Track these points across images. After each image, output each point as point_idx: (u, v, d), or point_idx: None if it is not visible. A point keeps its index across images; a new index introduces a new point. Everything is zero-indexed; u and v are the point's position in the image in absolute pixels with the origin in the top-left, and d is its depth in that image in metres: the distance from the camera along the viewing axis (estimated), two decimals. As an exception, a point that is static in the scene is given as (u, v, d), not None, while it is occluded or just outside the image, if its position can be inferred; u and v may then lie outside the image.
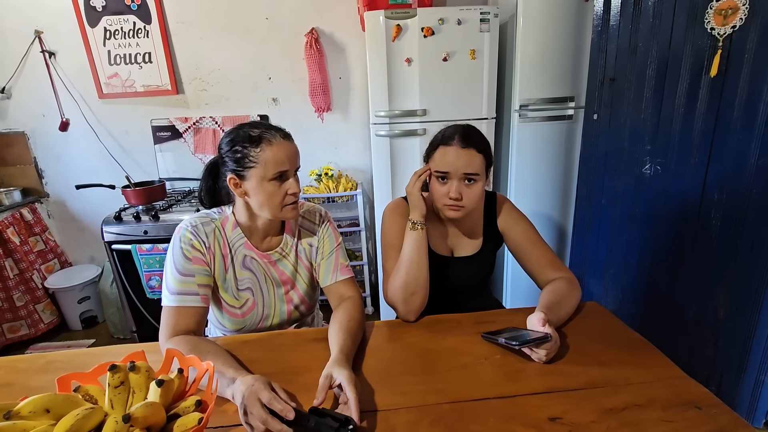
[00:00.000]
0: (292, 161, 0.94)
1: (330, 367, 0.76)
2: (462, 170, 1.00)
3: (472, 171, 1.00)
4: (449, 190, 1.01)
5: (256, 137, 0.91)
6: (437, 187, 1.03)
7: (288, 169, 0.93)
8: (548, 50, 1.94)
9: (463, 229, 1.17)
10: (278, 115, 2.48)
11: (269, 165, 0.90)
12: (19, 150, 2.46)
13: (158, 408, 0.60)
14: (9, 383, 0.86)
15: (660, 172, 1.54)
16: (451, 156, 1.00)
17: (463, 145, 1.00)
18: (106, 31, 2.28)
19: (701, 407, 0.71)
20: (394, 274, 1.04)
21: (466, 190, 1.01)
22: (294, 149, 0.96)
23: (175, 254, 0.95)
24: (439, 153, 1.02)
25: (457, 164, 1.00)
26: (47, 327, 2.40)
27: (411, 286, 1.01)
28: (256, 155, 0.90)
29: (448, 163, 1.00)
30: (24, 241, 2.34)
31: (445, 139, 1.03)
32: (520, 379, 0.80)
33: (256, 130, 0.92)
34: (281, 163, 0.91)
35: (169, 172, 2.49)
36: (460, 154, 1.00)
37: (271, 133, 0.93)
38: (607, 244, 1.78)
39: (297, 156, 0.96)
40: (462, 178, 1.01)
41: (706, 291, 1.48)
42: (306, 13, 2.32)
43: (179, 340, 0.86)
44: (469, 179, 1.01)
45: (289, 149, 0.94)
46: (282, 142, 0.93)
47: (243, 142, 0.92)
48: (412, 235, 1.03)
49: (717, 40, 1.30)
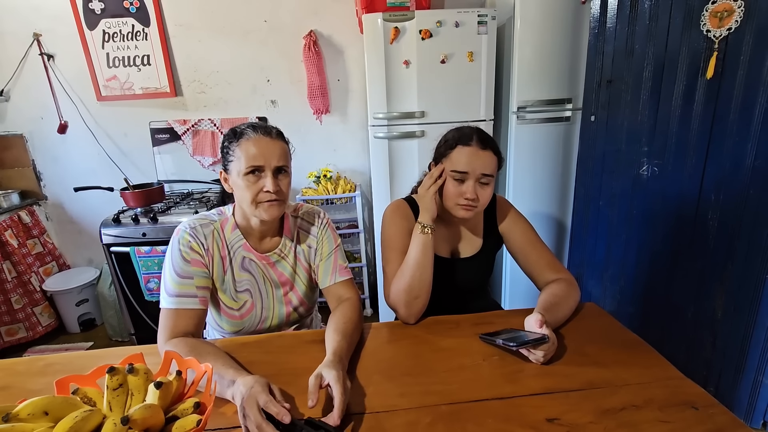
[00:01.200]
0: (268, 158, 0.92)
1: (321, 367, 0.76)
2: (480, 171, 1.00)
3: (489, 172, 1.01)
4: (465, 191, 1.01)
5: (238, 132, 0.94)
6: (451, 187, 1.03)
7: (262, 164, 0.91)
8: (545, 52, 1.95)
9: (463, 231, 1.17)
10: (277, 117, 2.49)
11: (242, 159, 0.91)
12: (17, 152, 2.46)
13: (157, 410, 0.60)
14: (7, 386, 0.86)
15: (657, 173, 1.54)
16: (470, 156, 1.00)
17: (482, 147, 1.01)
18: (104, 33, 2.29)
19: (698, 407, 0.71)
20: (398, 277, 1.03)
21: (480, 191, 1.02)
22: (274, 147, 0.93)
23: (174, 256, 0.95)
24: (458, 153, 1.02)
25: (476, 165, 1.00)
26: (45, 330, 2.40)
27: (415, 290, 1.01)
28: (235, 149, 0.93)
29: (468, 164, 1.00)
30: (22, 244, 2.33)
31: (464, 139, 1.02)
32: (518, 380, 0.80)
33: (242, 126, 0.95)
34: (254, 157, 0.91)
35: (168, 175, 2.49)
36: (480, 155, 1.00)
37: (254, 129, 0.93)
38: (605, 245, 1.79)
39: (278, 154, 0.93)
40: (478, 179, 1.01)
41: (704, 292, 1.48)
42: (304, 16, 2.33)
43: (178, 342, 0.86)
44: (483, 181, 1.02)
45: (266, 146, 0.92)
46: (260, 138, 0.92)
47: (228, 137, 0.95)
48: (420, 239, 1.02)
49: (713, 42, 1.31)
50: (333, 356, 0.80)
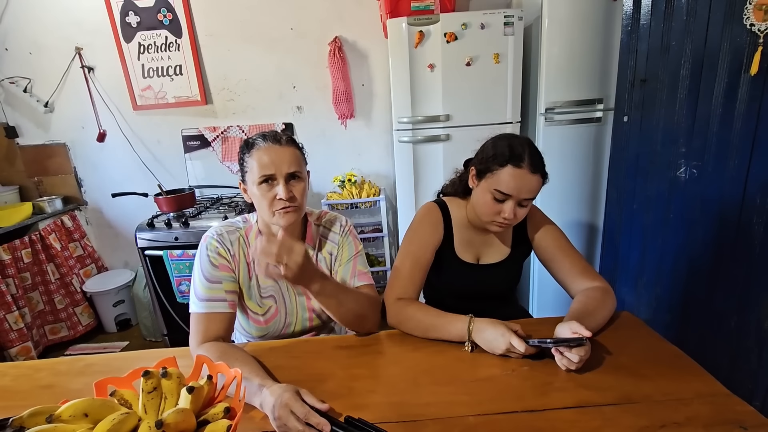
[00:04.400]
0: (278, 165, 0.92)
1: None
2: (524, 195, 0.96)
3: (532, 197, 0.98)
4: (504, 210, 0.97)
5: (250, 143, 0.95)
6: (491, 203, 0.99)
7: (273, 173, 0.91)
8: (575, 52, 1.90)
9: (491, 237, 1.15)
10: (302, 123, 2.53)
11: (255, 169, 0.92)
12: (60, 160, 2.60)
13: (189, 414, 0.62)
14: (51, 385, 0.90)
15: (696, 175, 1.47)
16: (519, 180, 0.95)
17: (533, 170, 0.95)
18: (140, 45, 2.39)
19: (747, 428, 0.67)
20: (411, 317, 0.99)
21: (518, 210, 0.99)
22: (284, 154, 0.93)
23: (203, 262, 0.97)
24: (506, 174, 0.95)
25: (522, 189, 0.95)
26: (85, 329, 2.52)
27: (408, 329, 1.00)
28: (248, 160, 0.94)
29: (514, 188, 0.95)
30: (64, 247, 2.46)
31: (515, 159, 0.95)
32: (549, 392, 0.78)
33: (254, 137, 0.96)
34: (265, 166, 0.91)
35: (198, 180, 2.57)
36: (528, 180, 0.95)
37: (263, 138, 0.94)
38: (639, 250, 1.71)
39: (288, 161, 0.93)
40: (520, 202, 0.98)
41: (749, 300, 1.40)
42: (329, 22, 2.36)
43: (209, 346, 0.88)
44: (524, 203, 0.98)
45: (276, 153, 0.92)
46: (270, 147, 0.93)
47: (242, 149, 0.97)
48: (453, 334, 0.93)
49: (757, 37, 1.24)
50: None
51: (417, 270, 1.06)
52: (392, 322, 1.02)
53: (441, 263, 1.13)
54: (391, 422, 0.72)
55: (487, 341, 0.88)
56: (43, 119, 2.53)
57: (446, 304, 1.04)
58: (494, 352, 0.88)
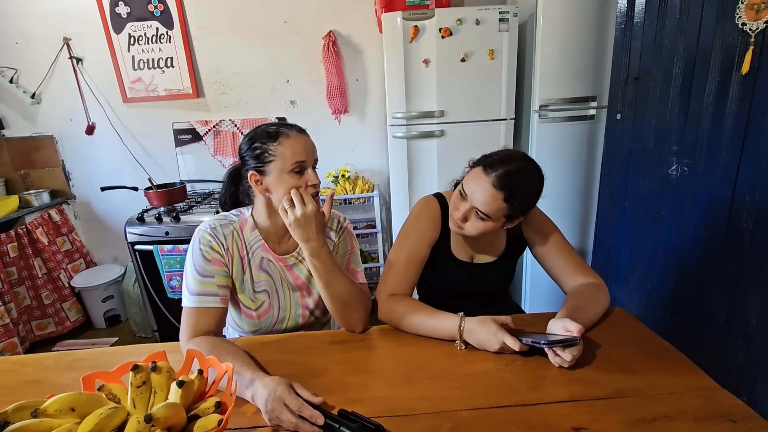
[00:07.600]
0: (309, 154, 0.95)
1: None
2: (477, 203, 0.94)
3: (486, 211, 0.93)
4: (460, 209, 0.97)
5: (273, 133, 0.95)
6: (456, 198, 1.00)
7: (305, 160, 0.94)
8: (569, 49, 1.90)
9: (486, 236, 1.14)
10: (296, 118, 2.50)
11: (287, 157, 0.92)
12: (48, 153, 2.55)
13: (179, 409, 0.61)
14: (37, 380, 0.88)
15: (687, 173, 1.49)
16: (476, 184, 0.94)
17: (494, 183, 0.92)
18: (130, 37, 2.34)
19: (736, 420, 0.68)
20: (406, 315, 0.97)
21: (472, 220, 0.97)
22: (310, 143, 0.97)
23: (195, 255, 0.96)
24: (472, 174, 0.97)
25: (476, 194, 0.94)
26: (73, 325, 2.48)
27: (399, 325, 0.99)
28: (275, 149, 0.93)
29: (471, 189, 0.95)
30: (52, 241, 2.42)
31: (486, 165, 0.94)
32: (542, 386, 0.78)
33: (273, 127, 0.96)
34: (298, 154, 0.93)
35: (190, 174, 2.54)
36: (485, 190, 0.92)
37: (288, 128, 0.96)
38: (630, 247, 1.73)
39: (314, 150, 0.98)
40: (475, 210, 0.95)
41: (737, 297, 1.42)
42: (324, 16, 2.34)
43: (199, 340, 0.87)
44: (480, 215, 0.95)
45: (305, 142, 0.96)
46: (298, 136, 0.95)
47: (262, 138, 0.95)
48: (446, 333, 0.92)
49: (749, 36, 1.25)
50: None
51: (411, 266, 1.05)
52: (383, 317, 1.01)
53: (436, 260, 1.12)
54: (385, 417, 0.71)
55: (479, 342, 0.88)
56: (30, 111, 2.48)
57: (440, 301, 1.04)
58: (488, 351, 0.88)
